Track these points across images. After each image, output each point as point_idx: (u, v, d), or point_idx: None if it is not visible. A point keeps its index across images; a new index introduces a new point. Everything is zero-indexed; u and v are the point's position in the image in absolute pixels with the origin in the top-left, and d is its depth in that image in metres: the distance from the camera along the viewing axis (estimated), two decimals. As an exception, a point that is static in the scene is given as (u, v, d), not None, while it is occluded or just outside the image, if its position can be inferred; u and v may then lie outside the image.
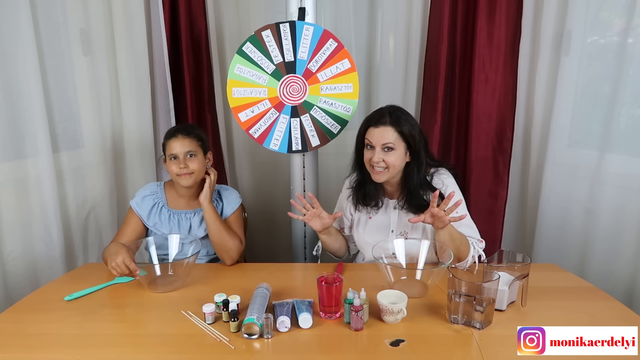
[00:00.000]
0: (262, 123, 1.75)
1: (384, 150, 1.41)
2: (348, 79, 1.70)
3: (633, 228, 1.71)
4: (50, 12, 1.76)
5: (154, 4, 1.98)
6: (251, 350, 1.07)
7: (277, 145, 1.77)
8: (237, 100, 1.74)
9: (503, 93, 1.96)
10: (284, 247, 2.51)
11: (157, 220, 1.59)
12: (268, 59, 1.70)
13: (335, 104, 1.72)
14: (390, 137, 1.41)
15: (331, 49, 1.68)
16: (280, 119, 1.75)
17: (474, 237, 1.48)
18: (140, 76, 1.98)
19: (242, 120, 1.75)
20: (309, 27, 1.66)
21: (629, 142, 1.72)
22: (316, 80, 1.71)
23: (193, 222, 1.61)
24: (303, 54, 1.68)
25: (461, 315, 1.13)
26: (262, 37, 1.68)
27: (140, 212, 1.58)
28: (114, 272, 1.35)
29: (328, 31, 1.67)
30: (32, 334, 1.14)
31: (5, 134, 1.66)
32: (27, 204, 1.74)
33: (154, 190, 1.62)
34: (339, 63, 1.69)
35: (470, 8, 1.92)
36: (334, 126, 1.75)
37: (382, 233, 1.54)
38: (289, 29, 1.67)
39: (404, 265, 1.40)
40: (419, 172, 1.46)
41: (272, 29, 1.67)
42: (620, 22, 1.72)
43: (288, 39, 1.67)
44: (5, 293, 1.70)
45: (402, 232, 1.53)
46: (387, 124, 1.42)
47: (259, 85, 1.72)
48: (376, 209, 1.55)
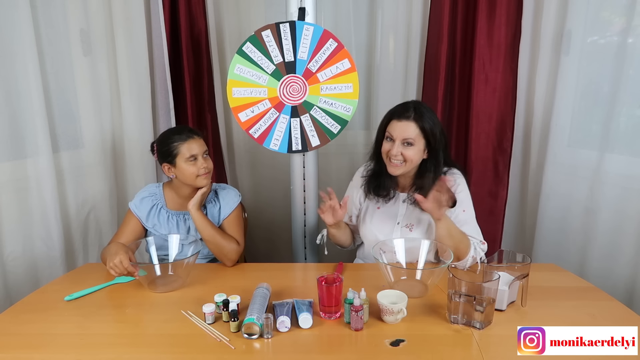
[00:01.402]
0: (262, 123, 1.75)
1: (403, 145, 1.42)
2: (348, 79, 1.70)
3: (633, 228, 1.71)
4: (50, 12, 1.76)
5: (154, 4, 1.98)
6: (251, 350, 1.07)
7: (277, 145, 1.77)
8: (237, 100, 1.74)
9: (503, 93, 1.96)
10: (284, 247, 2.51)
11: (156, 221, 1.59)
12: (268, 59, 1.70)
13: (335, 104, 1.72)
14: (412, 133, 1.41)
15: (331, 49, 1.68)
16: (280, 119, 1.75)
17: (476, 238, 1.48)
18: (140, 76, 1.98)
19: (242, 120, 1.75)
20: (309, 27, 1.66)
21: (629, 142, 1.72)
22: (316, 80, 1.71)
23: (192, 223, 1.61)
24: (303, 54, 1.68)
25: (461, 315, 1.13)
26: (262, 37, 1.68)
27: (139, 213, 1.58)
28: (112, 272, 1.35)
29: (328, 31, 1.67)
30: (32, 334, 1.14)
31: (5, 134, 1.66)
32: (27, 204, 1.74)
33: (153, 192, 1.62)
34: (339, 63, 1.69)
35: (470, 8, 1.92)
36: (334, 126, 1.75)
37: (388, 224, 1.54)
38: (289, 29, 1.67)
39: (404, 265, 1.40)
40: (435, 170, 1.46)
41: (272, 29, 1.67)
42: (620, 22, 1.72)
43: (288, 39, 1.68)
44: (5, 293, 1.70)
45: (407, 225, 1.53)
46: (410, 118, 1.42)
47: (259, 85, 1.72)
48: (386, 200, 1.55)
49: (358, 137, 2.32)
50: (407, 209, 1.54)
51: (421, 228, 1.52)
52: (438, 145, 1.44)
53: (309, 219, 1.92)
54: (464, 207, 1.50)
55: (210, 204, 1.62)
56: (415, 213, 1.52)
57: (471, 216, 1.51)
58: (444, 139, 1.46)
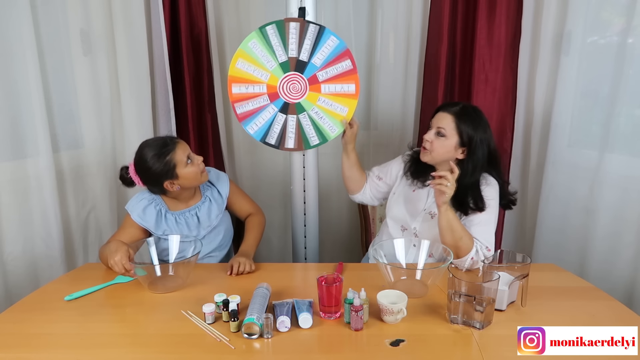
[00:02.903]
0: (250, 103, 1.73)
1: (436, 134, 1.45)
2: (346, 102, 1.71)
3: (633, 228, 1.71)
4: (50, 12, 1.76)
5: (154, 4, 1.98)
6: (251, 350, 1.07)
7: (254, 130, 1.75)
8: (239, 71, 1.71)
9: (503, 93, 1.95)
10: (284, 247, 2.52)
11: (165, 227, 1.57)
12: (284, 49, 1.68)
13: (324, 119, 1.73)
14: (446, 124, 1.45)
15: (344, 68, 1.68)
16: (269, 108, 1.74)
17: (483, 242, 1.45)
18: (140, 76, 1.98)
19: (233, 92, 1.72)
20: (334, 39, 1.66)
21: (629, 142, 1.72)
22: (318, 89, 1.71)
23: (200, 215, 1.61)
24: (317, 60, 1.68)
25: (461, 315, 1.13)
26: (289, 27, 1.67)
27: (146, 225, 1.55)
28: (114, 269, 1.35)
29: (349, 51, 1.68)
30: (32, 334, 1.14)
31: (6, 134, 1.66)
32: (27, 204, 1.75)
33: (151, 198, 1.58)
34: (345, 84, 1.69)
35: (470, 8, 1.92)
36: (314, 138, 1.75)
37: (416, 208, 1.59)
38: (316, 32, 1.66)
39: (404, 265, 1.40)
40: (472, 173, 1.47)
41: (301, 25, 1.66)
42: (620, 22, 1.72)
43: (311, 40, 1.67)
44: (5, 293, 1.70)
45: (430, 212, 1.56)
46: (451, 112, 1.46)
47: (265, 68, 1.70)
48: (421, 185, 1.59)
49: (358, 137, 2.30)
50: (432, 197, 1.54)
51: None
52: (476, 151, 1.44)
53: (309, 219, 1.92)
54: (485, 210, 1.47)
55: (208, 191, 1.65)
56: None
57: (487, 221, 1.47)
58: (486, 149, 1.46)
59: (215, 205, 1.64)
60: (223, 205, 1.66)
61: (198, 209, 1.61)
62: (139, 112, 2.01)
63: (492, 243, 1.46)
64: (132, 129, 2.01)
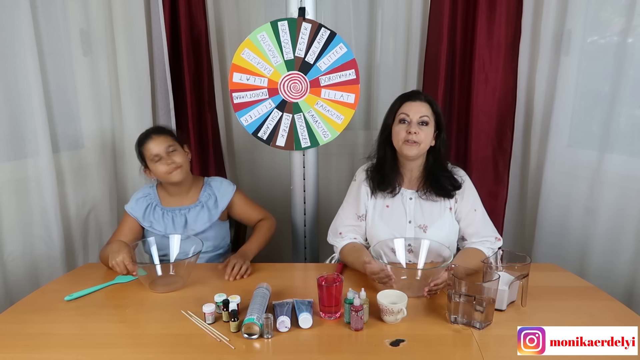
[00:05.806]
0: (248, 95, 1.74)
1: (418, 125, 1.45)
2: (343, 111, 1.72)
3: (633, 228, 1.71)
4: (50, 12, 1.76)
5: (154, 4, 1.98)
6: (251, 350, 1.07)
7: (248, 122, 1.76)
8: (243, 61, 1.71)
9: (503, 93, 1.96)
10: (284, 247, 2.51)
11: (152, 219, 1.61)
12: (292, 47, 1.69)
13: (319, 123, 1.74)
14: (426, 111, 1.46)
15: (348, 77, 1.69)
16: (266, 103, 1.74)
17: (492, 236, 1.49)
18: (140, 76, 1.98)
19: (234, 80, 1.73)
20: (343, 46, 1.67)
21: (629, 142, 1.72)
22: (318, 92, 1.71)
23: (189, 217, 1.62)
24: (323, 65, 1.69)
25: (461, 315, 1.13)
26: (300, 26, 1.67)
27: (135, 214, 1.61)
28: (115, 269, 1.35)
29: (355, 61, 1.69)
30: (32, 334, 1.14)
31: (6, 134, 1.66)
32: (27, 204, 1.75)
33: (147, 192, 1.66)
34: (345, 93, 1.70)
35: (470, 8, 1.92)
36: (306, 140, 1.76)
37: (400, 222, 1.51)
38: (326, 37, 1.67)
39: (404, 265, 1.40)
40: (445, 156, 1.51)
41: (314, 26, 1.67)
42: (620, 22, 1.72)
43: (320, 44, 1.68)
44: (5, 293, 1.70)
45: (420, 225, 1.49)
46: (423, 100, 1.48)
47: (269, 63, 1.71)
48: (392, 196, 1.52)
49: (358, 137, 2.32)
50: (415, 206, 1.51)
51: (435, 228, 1.48)
52: (443, 131, 1.49)
53: (309, 219, 1.92)
54: (475, 206, 1.51)
55: (204, 197, 1.64)
56: (425, 213, 1.49)
57: (483, 214, 1.52)
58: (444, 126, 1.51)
59: (206, 213, 1.63)
60: (215, 216, 1.64)
61: (188, 210, 1.62)
62: (139, 112, 2.01)
63: (496, 230, 1.52)
64: (132, 129, 2.01)
